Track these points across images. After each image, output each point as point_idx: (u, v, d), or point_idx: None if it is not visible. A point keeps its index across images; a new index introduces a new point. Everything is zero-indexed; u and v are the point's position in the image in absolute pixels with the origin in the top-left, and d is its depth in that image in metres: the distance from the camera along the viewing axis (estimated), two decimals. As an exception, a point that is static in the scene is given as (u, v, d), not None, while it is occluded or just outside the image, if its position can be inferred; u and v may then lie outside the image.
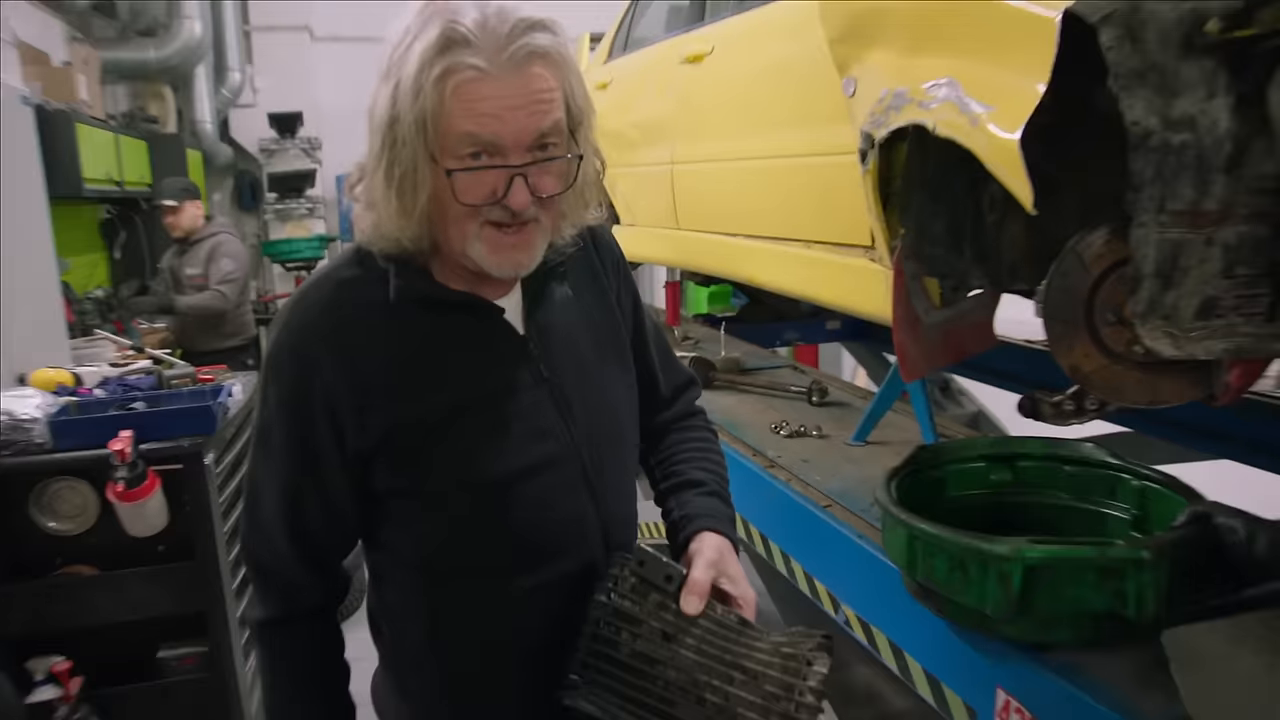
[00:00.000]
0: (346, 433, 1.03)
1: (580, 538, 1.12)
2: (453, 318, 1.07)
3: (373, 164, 0.99)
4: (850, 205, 1.93)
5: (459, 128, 0.94)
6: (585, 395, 1.14)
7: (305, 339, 1.04)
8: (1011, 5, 1.28)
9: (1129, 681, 1.19)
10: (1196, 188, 1.30)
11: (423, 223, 1.00)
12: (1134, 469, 1.50)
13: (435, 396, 1.05)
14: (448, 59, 0.92)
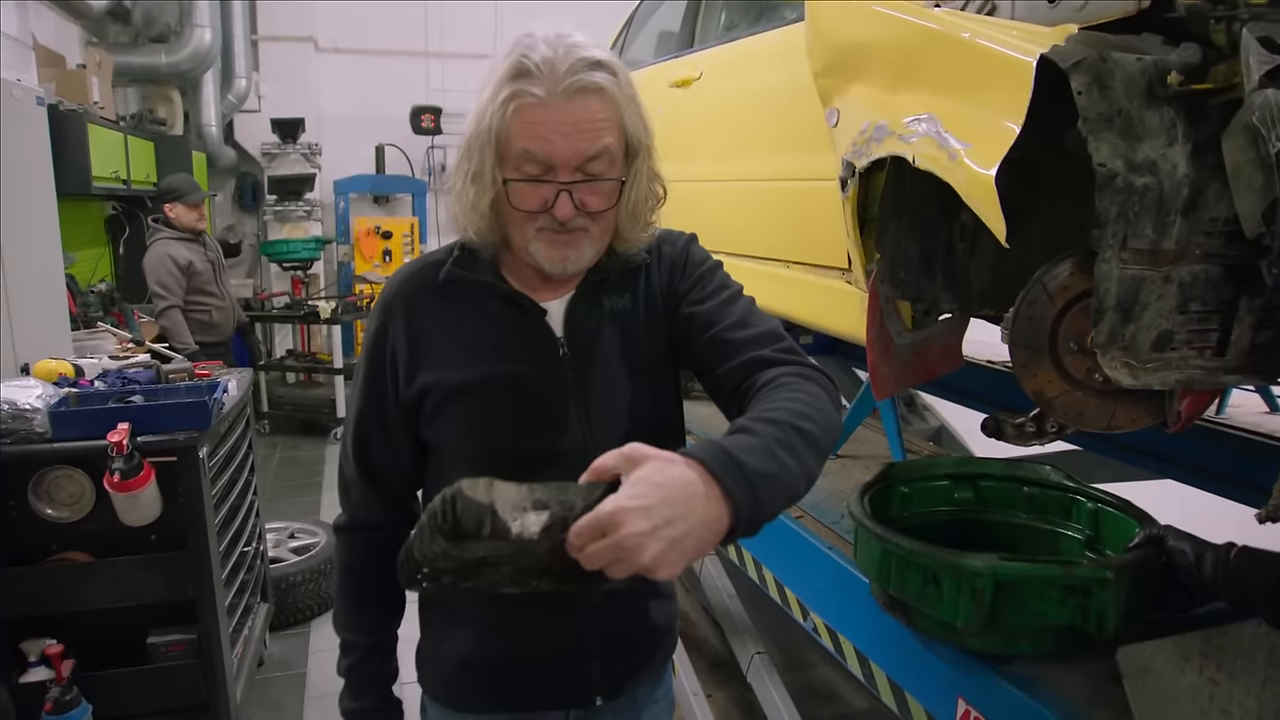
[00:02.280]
0: (400, 379, 1.18)
1: None
2: (498, 308, 1.17)
3: (459, 163, 1.12)
4: (828, 229, 1.93)
5: (518, 145, 1.05)
6: (607, 404, 1.16)
7: (389, 299, 1.19)
8: (988, 48, 1.29)
9: (1083, 695, 1.19)
10: (1156, 228, 1.31)
11: (489, 220, 1.12)
12: (1089, 491, 1.50)
13: (466, 367, 1.15)
14: (515, 85, 1.03)
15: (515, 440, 1.15)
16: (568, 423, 1.14)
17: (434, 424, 1.18)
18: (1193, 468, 2.73)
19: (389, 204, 8.23)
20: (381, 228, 7.62)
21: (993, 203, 1.23)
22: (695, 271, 1.23)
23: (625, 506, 0.76)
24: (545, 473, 1.03)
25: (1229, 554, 1.18)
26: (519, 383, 1.14)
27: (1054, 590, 1.18)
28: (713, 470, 0.81)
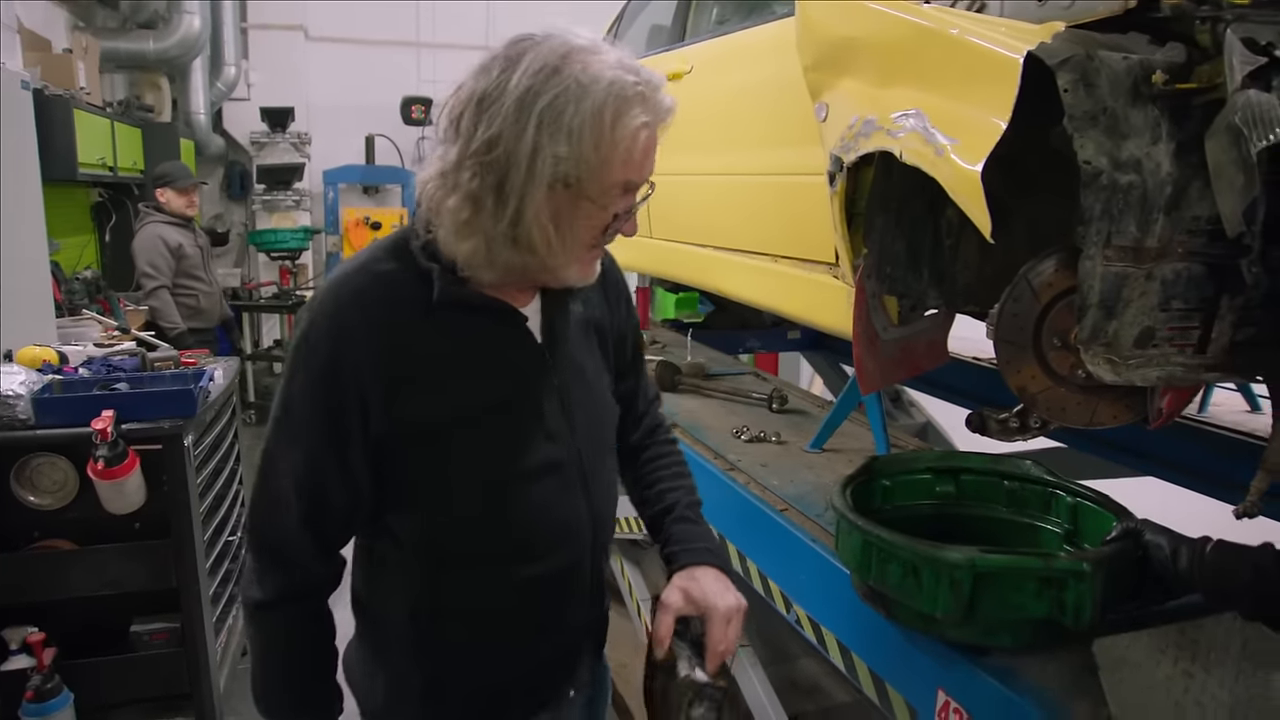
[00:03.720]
0: (371, 415, 1.04)
1: (574, 536, 1.17)
2: (482, 321, 1.10)
3: (486, 195, 1.00)
4: (816, 223, 1.93)
5: (620, 176, 1.01)
6: (585, 403, 1.18)
7: (344, 322, 1.04)
8: (975, 44, 1.29)
9: (1060, 686, 1.20)
10: (1140, 225, 1.32)
11: (515, 250, 1.03)
12: (1068, 486, 1.51)
13: (462, 394, 1.07)
14: (638, 111, 0.99)
15: (518, 457, 1.10)
16: (558, 430, 1.14)
17: (428, 455, 1.07)
18: (1174, 465, 2.76)
19: (378, 194, 8.19)
20: (371, 218, 7.59)
21: (978, 198, 1.24)
22: (625, 292, 1.32)
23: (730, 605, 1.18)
24: (544, 484, 1.13)
25: (1204, 548, 1.20)
26: (519, 397, 1.12)
27: (1032, 582, 1.19)
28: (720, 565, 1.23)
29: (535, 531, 1.13)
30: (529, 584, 1.14)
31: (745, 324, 4.11)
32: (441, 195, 1.02)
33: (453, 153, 1.01)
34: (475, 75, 1.01)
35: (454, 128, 1.01)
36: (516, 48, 1.00)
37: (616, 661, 3.68)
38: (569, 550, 1.16)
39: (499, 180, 0.98)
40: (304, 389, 1.05)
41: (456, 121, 1.01)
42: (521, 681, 1.20)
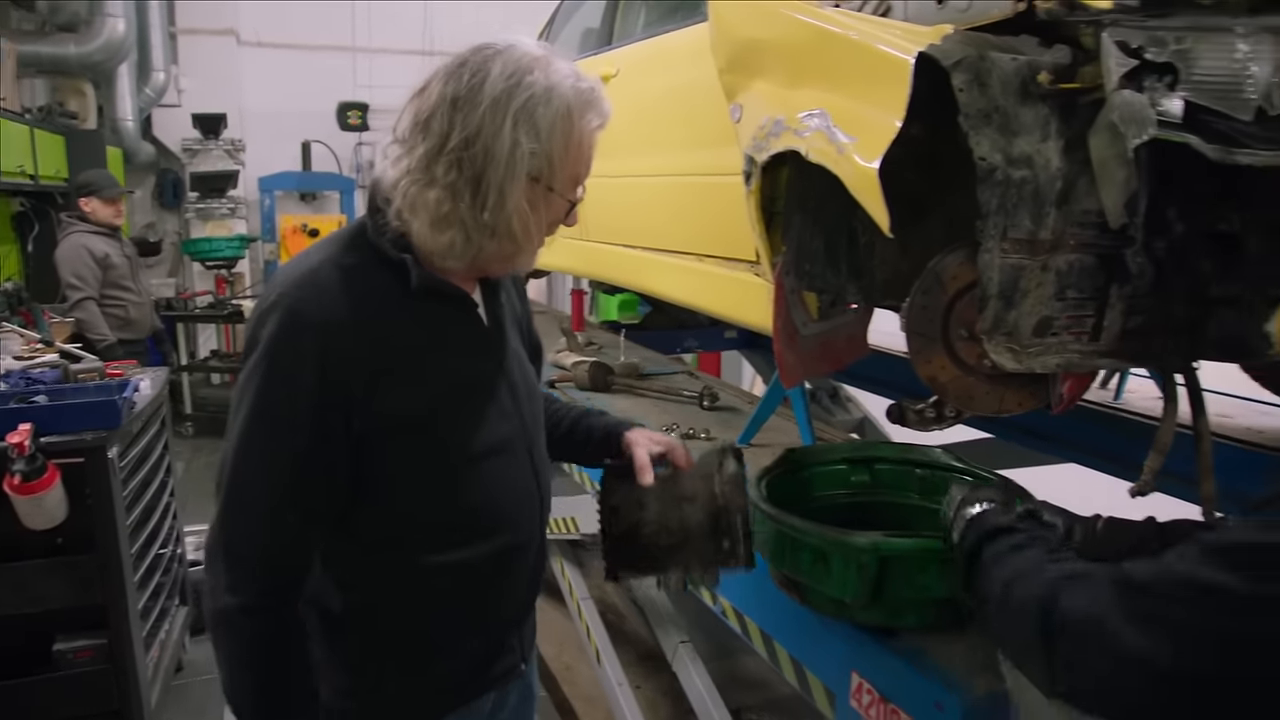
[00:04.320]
0: (355, 409, 1.08)
1: (528, 509, 1.25)
2: (447, 308, 1.18)
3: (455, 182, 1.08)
4: (738, 223, 1.97)
5: (574, 170, 1.14)
6: (523, 383, 1.28)
7: (321, 317, 1.06)
8: (872, 47, 1.34)
9: (964, 663, 1.25)
10: (1033, 219, 1.38)
11: (493, 239, 1.11)
12: (975, 471, 1.57)
13: (440, 377, 1.14)
14: (592, 118, 1.12)
15: (483, 437, 1.18)
16: (509, 409, 1.23)
17: (409, 441, 1.12)
18: (1092, 451, 2.86)
19: (316, 201, 8.08)
20: (308, 225, 7.48)
21: (876, 195, 1.28)
22: (524, 287, 1.44)
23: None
24: (502, 460, 1.20)
25: (1095, 524, 1.25)
26: (479, 376, 1.20)
27: (934, 563, 1.23)
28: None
29: (497, 507, 1.20)
30: (491, 559, 1.20)
31: (682, 324, 4.14)
32: (417, 190, 1.08)
33: (422, 150, 1.08)
34: (443, 80, 1.09)
35: (421, 128, 1.08)
36: (481, 54, 1.09)
37: (561, 664, 3.71)
38: (525, 523, 1.25)
39: (477, 174, 1.07)
40: (283, 387, 1.06)
41: (426, 122, 1.08)
42: (481, 657, 1.27)
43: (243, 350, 1.11)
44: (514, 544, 1.23)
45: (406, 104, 1.12)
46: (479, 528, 1.19)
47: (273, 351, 1.06)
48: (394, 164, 1.12)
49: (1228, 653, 0.73)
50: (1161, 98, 1.26)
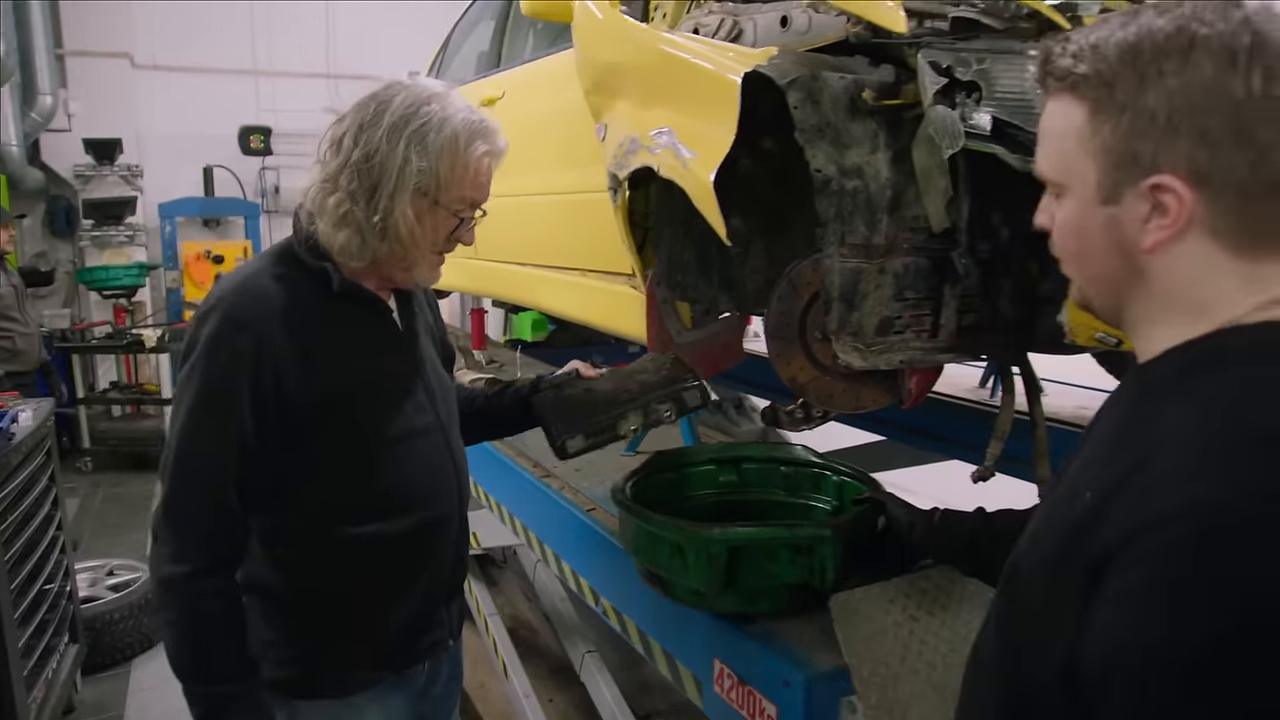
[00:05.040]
0: (288, 389, 1.24)
1: (445, 487, 1.42)
2: (364, 310, 1.35)
3: (356, 194, 1.26)
4: (615, 238, 2.03)
5: (463, 192, 1.30)
6: (439, 381, 1.47)
7: (256, 312, 1.24)
8: (709, 69, 1.42)
9: (811, 643, 1.33)
10: (868, 225, 1.48)
11: (383, 241, 1.28)
12: (834, 467, 1.66)
13: (359, 369, 1.32)
14: (486, 145, 1.30)
15: (403, 421, 1.35)
16: (425, 401, 1.40)
17: (336, 423, 1.29)
18: (974, 448, 3.01)
19: (220, 227, 7.87)
20: (213, 252, 7.27)
21: (713, 206, 1.36)
22: (434, 300, 1.61)
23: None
24: (424, 443, 1.38)
25: (933, 516, 1.34)
26: (395, 372, 1.38)
27: (783, 551, 1.31)
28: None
29: (414, 484, 1.37)
30: (412, 532, 1.36)
31: (585, 341, 4.19)
32: (323, 196, 1.28)
33: (333, 165, 1.28)
34: (355, 110, 1.30)
35: (335, 148, 1.29)
36: (389, 90, 1.30)
37: (475, 683, 3.69)
38: (443, 498, 1.41)
39: (373, 185, 1.25)
40: (224, 374, 1.22)
41: (338, 143, 1.29)
42: (411, 627, 1.41)
43: (184, 347, 1.26)
44: (433, 518, 1.39)
45: (327, 130, 1.32)
46: (397, 503, 1.34)
47: (212, 348, 1.22)
48: (311, 178, 1.32)
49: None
50: (973, 112, 1.37)
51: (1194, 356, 0.71)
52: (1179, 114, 0.67)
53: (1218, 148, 0.66)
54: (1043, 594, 0.72)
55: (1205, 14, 0.67)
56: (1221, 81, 0.65)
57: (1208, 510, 0.60)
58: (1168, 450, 0.65)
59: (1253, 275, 0.71)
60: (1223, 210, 0.68)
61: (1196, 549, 0.59)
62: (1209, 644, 0.58)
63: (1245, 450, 0.61)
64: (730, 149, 1.36)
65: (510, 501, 2.40)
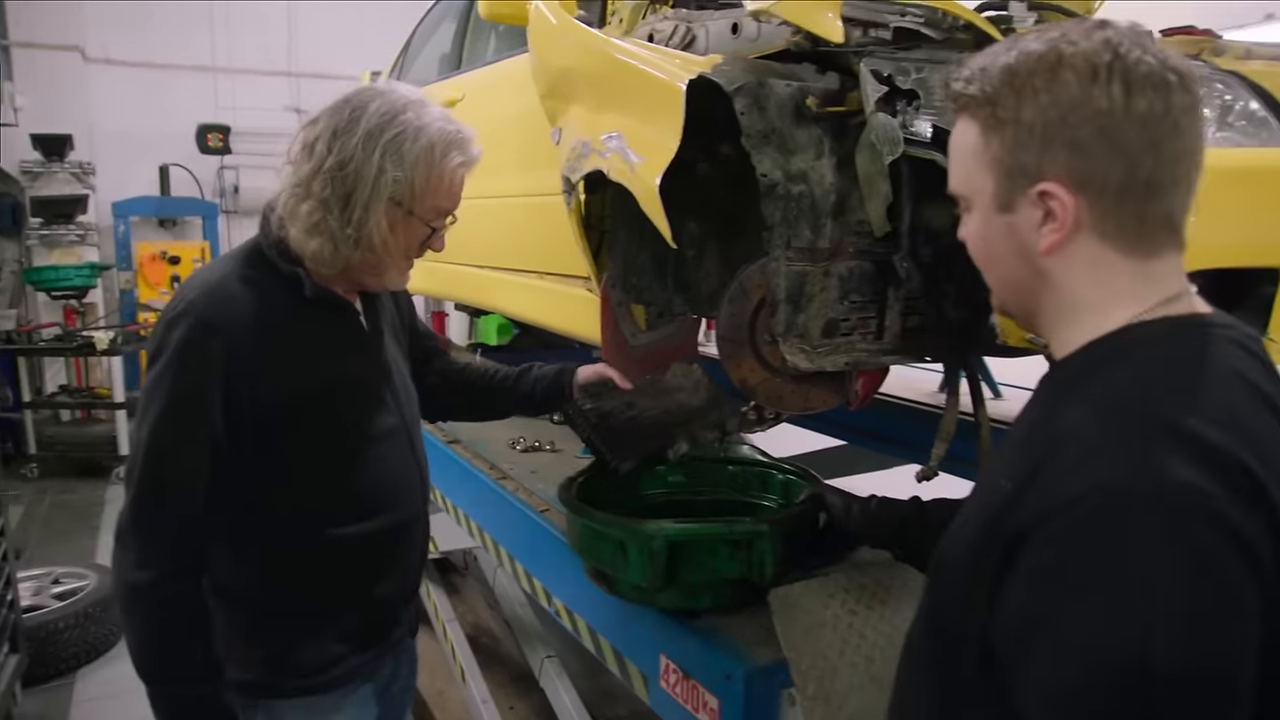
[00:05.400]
0: (256, 399, 1.26)
1: (410, 490, 1.47)
2: (333, 313, 1.38)
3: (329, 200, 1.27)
4: (571, 241, 2.08)
5: (437, 202, 1.33)
6: (402, 383, 1.50)
7: (227, 316, 1.25)
8: (655, 75, 1.48)
9: (753, 637, 1.38)
10: (813, 229, 1.54)
11: (355, 249, 1.29)
12: (780, 466, 1.72)
13: (329, 373, 1.35)
14: (461, 155, 1.33)
15: (371, 423, 1.39)
16: (391, 403, 1.44)
17: (306, 427, 1.32)
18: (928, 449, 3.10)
19: (176, 227, 7.83)
20: (168, 253, 7.24)
21: (658, 209, 1.41)
22: (410, 306, 1.67)
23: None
24: (389, 445, 1.41)
25: (870, 504, 1.40)
26: (364, 375, 1.41)
27: (723, 546, 1.36)
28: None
29: (384, 487, 1.40)
30: (383, 533, 1.40)
31: (548, 345, 4.22)
32: (295, 202, 1.29)
33: (305, 170, 1.28)
34: (330, 114, 1.30)
35: (308, 151, 1.29)
36: (363, 95, 1.31)
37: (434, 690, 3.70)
38: (409, 501, 1.46)
39: (347, 193, 1.27)
40: (196, 379, 1.24)
41: (311, 146, 1.29)
42: (379, 625, 1.46)
43: (151, 351, 1.27)
44: (400, 520, 1.43)
45: (299, 133, 1.33)
46: (367, 506, 1.38)
47: (183, 353, 1.23)
48: (281, 181, 1.32)
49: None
50: (913, 120, 1.44)
51: (1098, 355, 0.79)
52: (1053, 126, 0.74)
53: (1091, 155, 0.74)
54: (964, 579, 0.79)
55: (1072, 34, 0.75)
56: (1086, 94, 0.73)
57: (1111, 490, 0.66)
58: (1075, 440, 0.72)
59: (1148, 273, 0.78)
60: (1105, 213, 0.75)
61: (1103, 526, 0.66)
62: (1115, 617, 0.64)
63: (1144, 437, 0.68)
64: (680, 153, 1.41)
65: (467, 504, 2.44)
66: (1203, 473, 0.64)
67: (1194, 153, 0.75)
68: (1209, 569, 0.63)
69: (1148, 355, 0.75)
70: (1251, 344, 0.78)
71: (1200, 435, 0.66)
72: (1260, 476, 0.66)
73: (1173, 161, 0.74)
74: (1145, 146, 0.73)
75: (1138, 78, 0.72)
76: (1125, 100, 0.72)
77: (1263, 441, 0.68)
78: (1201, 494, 0.64)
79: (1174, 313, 0.77)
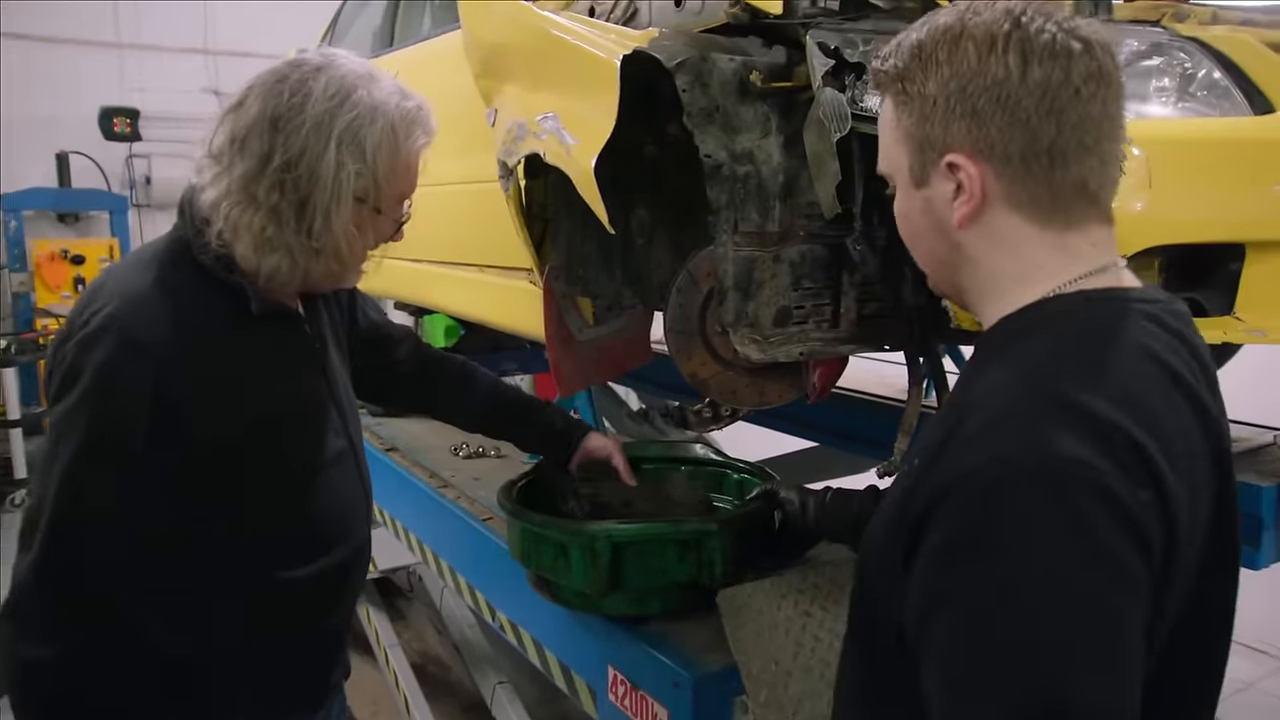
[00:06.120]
0: (200, 431, 1.17)
1: (358, 518, 1.41)
2: (278, 327, 1.29)
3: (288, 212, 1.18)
4: (512, 230, 2.14)
5: (400, 188, 1.27)
6: (347, 394, 1.44)
7: (157, 343, 1.14)
8: (589, 51, 1.54)
9: (703, 643, 1.45)
10: (760, 212, 1.61)
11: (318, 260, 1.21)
12: (734, 464, 1.79)
13: (279, 395, 1.27)
14: (420, 131, 1.25)
15: (322, 449, 1.32)
16: (338, 423, 1.37)
17: (244, 463, 1.22)
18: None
19: (79, 223, 7.72)
20: (70, 251, 7.15)
21: (593, 192, 1.47)
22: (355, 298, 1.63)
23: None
24: (338, 471, 1.35)
25: (825, 496, 1.47)
26: (313, 394, 1.34)
27: (671, 547, 1.43)
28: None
29: (338, 518, 1.34)
30: (334, 569, 1.33)
31: (499, 346, 4.27)
32: (238, 213, 1.17)
33: (240, 171, 1.17)
34: (261, 97, 1.18)
35: (239, 146, 1.18)
36: (300, 71, 1.19)
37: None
38: (359, 530, 1.40)
39: (302, 197, 1.17)
40: (119, 411, 1.13)
41: (243, 140, 1.17)
42: (323, 666, 1.41)
43: (58, 377, 1.14)
44: (351, 551, 1.37)
45: (220, 117, 1.21)
46: (322, 541, 1.32)
47: (104, 379, 1.12)
48: (211, 183, 1.19)
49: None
50: (863, 95, 1.52)
51: (1012, 329, 0.86)
52: (954, 97, 0.83)
53: (990, 124, 0.82)
54: (881, 562, 0.86)
55: (979, 6, 0.82)
56: (985, 65, 0.81)
57: (1003, 463, 0.73)
58: (977, 413, 0.79)
59: (1066, 246, 0.86)
60: (1013, 183, 0.84)
61: (993, 499, 0.73)
62: (1005, 591, 0.71)
63: (1035, 411, 0.75)
64: (625, 135, 1.47)
65: (406, 516, 2.48)
66: (1089, 447, 0.71)
67: (1102, 120, 0.83)
68: (1090, 536, 0.69)
69: (1057, 329, 0.82)
70: (1174, 320, 0.86)
71: (1092, 410, 0.73)
72: (1151, 453, 0.72)
73: (1077, 129, 0.81)
74: (1045, 114, 0.81)
75: (1037, 47, 0.80)
76: (1022, 69, 0.80)
77: (1161, 419, 0.76)
78: (1085, 467, 0.70)
79: (1093, 286, 0.85)
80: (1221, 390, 0.87)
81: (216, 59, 7.66)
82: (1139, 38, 1.57)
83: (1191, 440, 0.79)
